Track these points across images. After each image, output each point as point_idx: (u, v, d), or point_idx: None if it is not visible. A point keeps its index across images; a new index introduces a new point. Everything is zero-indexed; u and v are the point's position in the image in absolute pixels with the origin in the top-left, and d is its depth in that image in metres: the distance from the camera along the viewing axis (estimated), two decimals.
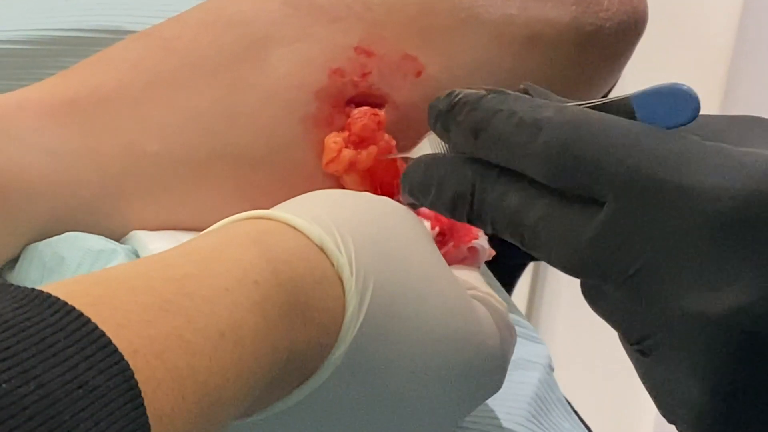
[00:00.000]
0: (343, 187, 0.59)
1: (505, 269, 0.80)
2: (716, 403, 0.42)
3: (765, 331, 0.40)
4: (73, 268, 0.52)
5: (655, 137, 0.42)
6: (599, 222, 0.43)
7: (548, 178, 0.44)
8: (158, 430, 0.35)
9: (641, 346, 0.43)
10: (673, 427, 0.45)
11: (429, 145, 0.52)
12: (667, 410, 0.44)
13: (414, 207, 0.50)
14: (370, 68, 0.59)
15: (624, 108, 0.44)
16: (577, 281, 0.46)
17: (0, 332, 0.33)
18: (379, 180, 0.58)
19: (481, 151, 0.47)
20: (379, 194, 0.54)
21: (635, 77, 0.76)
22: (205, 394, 0.37)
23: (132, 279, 0.39)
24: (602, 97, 0.55)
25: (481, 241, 0.60)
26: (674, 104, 0.42)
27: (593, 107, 0.45)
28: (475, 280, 0.55)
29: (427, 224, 0.58)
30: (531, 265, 1.57)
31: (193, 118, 0.58)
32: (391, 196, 0.53)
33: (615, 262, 0.42)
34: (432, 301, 0.47)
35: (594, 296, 0.45)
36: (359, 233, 0.46)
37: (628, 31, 0.64)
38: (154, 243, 0.55)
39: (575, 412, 0.66)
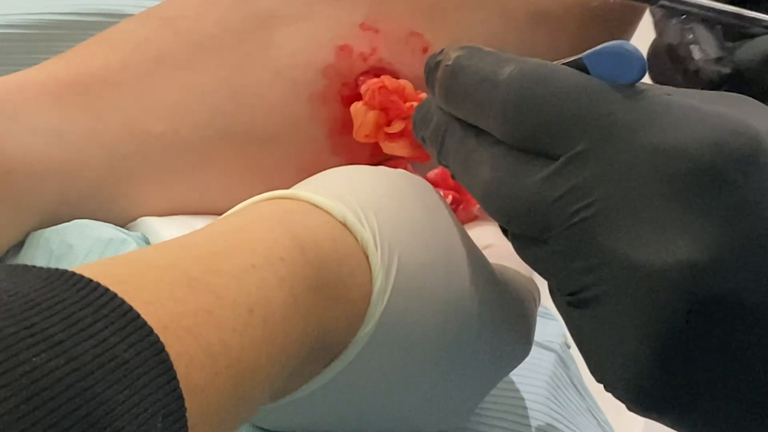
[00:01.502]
0: (377, 162, 0.58)
1: None
2: (657, 364, 0.39)
3: (718, 292, 0.39)
4: (81, 256, 0.51)
5: (615, 89, 0.42)
6: (552, 168, 0.42)
7: (506, 135, 0.43)
8: (192, 405, 0.34)
9: (576, 298, 0.41)
10: None
11: None
12: (599, 368, 0.42)
13: (424, 141, 0.50)
14: (376, 44, 0.59)
15: (578, 68, 0.43)
16: None
17: (26, 310, 0.32)
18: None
19: (450, 107, 0.47)
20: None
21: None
22: (239, 371, 0.37)
23: (157, 258, 0.38)
24: None
25: None
26: (622, 63, 0.42)
27: None
28: (501, 248, 0.54)
29: None
30: None
31: (199, 98, 0.57)
32: None
33: (562, 207, 0.41)
34: (457, 272, 0.46)
35: (525, 243, 0.43)
36: (381, 208, 0.45)
37: (632, 6, 0.64)
38: (165, 230, 0.54)
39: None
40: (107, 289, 0.34)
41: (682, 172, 0.39)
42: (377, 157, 0.60)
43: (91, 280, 0.34)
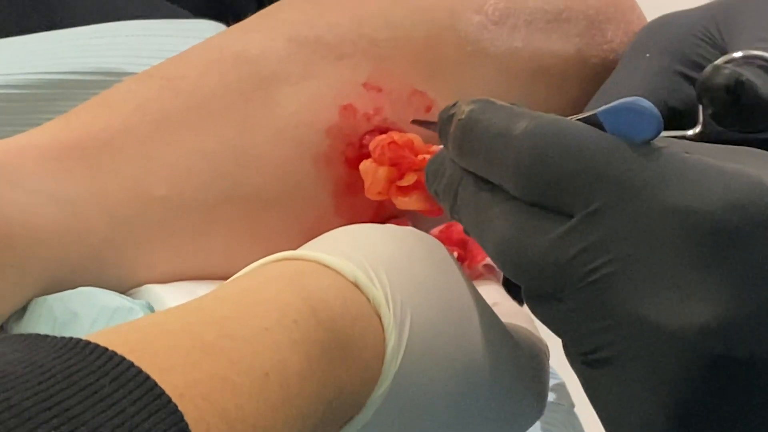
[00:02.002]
0: (393, 219, 0.58)
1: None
2: (674, 426, 0.39)
3: (735, 355, 0.39)
4: (87, 325, 0.50)
5: (632, 147, 0.41)
6: (567, 226, 0.41)
7: (520, 191, 0.43)
8: None
9: (591, 357, 0.41)
10: None
11: None
12: (615, 428, 0.42)
13: (437, 195, 0.50)
14: (381, 103, 0.59)
15: (592, 124, 0.43)
16: None
17: (43, 381, 0.32)
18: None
19: (464, 162, 0.47)
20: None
21: None
22: None
23: (169, 324, 0.38)
24: None
25: None
26: (637, 120, 0.42)
27: None
28: (507, 306, 0.54)
29: None
30: None
31: (201, 160, 0.56)
32: None
33: (577, 266, 0.41)
34: (469, 330, 0.46)
35: (538, 300, 0.43)
36: (391, 266, 0.45)
37: None
38: (170, 298, 0.53)
39: None
40: (123, 358, 0.34)
41: (701, 233, 0.39)
42: (381, 217, 0.60)
43: (106, 349, 0.34)
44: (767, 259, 0.39)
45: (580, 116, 0.44)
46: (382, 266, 0.44)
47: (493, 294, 0.56)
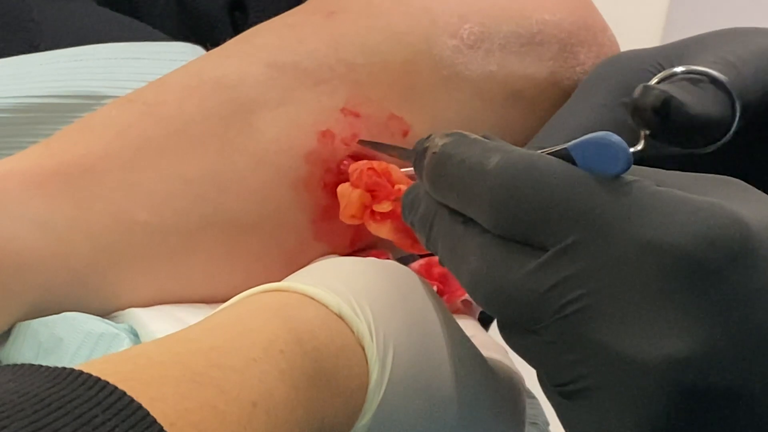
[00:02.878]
0: (358, 248, 0.59)
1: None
2: None
3: (707, 387, 0.39)
4: (72, 350, 0.51)
5: (603, 182, 0.42)
6: (541, 260, 0.42)
7: (493, 225, 0.44)
8: None
9: (566, 389, 0.42)
10: None
11: None
12: None
13: (413, 226, 0.51)
14: (359, 129, 0.59)
15: (562, 158, 0.43)
16: None
17: (38, 410, 0.33)
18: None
19: (438, 195, 0.47)
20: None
21: None
22: None
23: (159, 354, 0.39)
24: None
25: None
26: (607, 154, 0.42)
27: None
28: (483, 339, 0.55)
29: None
30: None
31: (182, 186, 0.57)
32: None
33: (551, 299, 0.41)
34: (449, 362, 0.47)
35: (513, 332, 0.44)
36: (374, 299, 0.46)
37: None
38: (151, 321, 0.54)
39: None
40: (116, 387, 0.35)
41: (672, 267, 0.40)
42: (359, 244, 0.60)
43: (99, 379, 0.35)
44: (738, 292, 0.40)
45: (550, 150, 0.44)
46: (365, 299, 0.45)
47: (470, 328, 0.57)
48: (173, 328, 0.47)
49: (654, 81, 0.56)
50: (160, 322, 0.54)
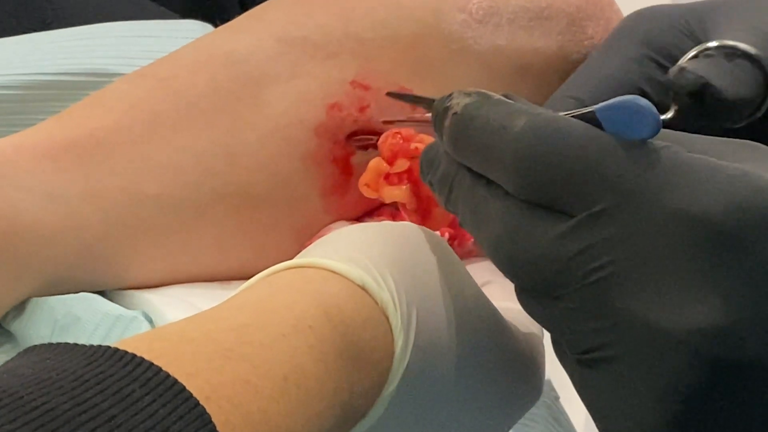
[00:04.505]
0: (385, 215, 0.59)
1: None
2: (673, 429, 0.40)
3: (736, 359, 0.39)
4: (90, 330, 0.51)
5: (634, 148, 0.41)
6: (568, 225, 0.41)
7: (517, 190, 0.43)
8: None
9: (587, 357, 0.41)
10: None
11: None
12: (610, 429, 0.42)
13: (431, 185, 0.49)
14: (367, 102, 0.60)
15: (588, 121, 0.42)
16: None
17: (76, 386, 0.33)
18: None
19: (459, 156, 0.46)
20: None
21: None
22: None
23: (190, 332, 0.39)
24: None
25: None
26: (636, 118, 0.41)
27: None
28: (501, 284, 0.55)
29: None
30: None
31: (192, 159, 0.57)
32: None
33: (577, 266, 0.41)
34: (469, 322, 0.47)
35: (532, 298, 0.43)
36: (395, 266, 0.45)
37: None
38: (166, 309, 0.54)
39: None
40: (152, 364, 0.35)
41: (704, 236, 0.39)
42: (369, 216, 0.61)
43: (135, 355, 0.36)
44: None
45: (577, 112, 0.43)
46: (386, 267, 0.45)
47: (484, 272, 0.57)
48: (186, 313, 0.47)
49: (689, 56, 0.55)
50: (172, 309, 0.54)
